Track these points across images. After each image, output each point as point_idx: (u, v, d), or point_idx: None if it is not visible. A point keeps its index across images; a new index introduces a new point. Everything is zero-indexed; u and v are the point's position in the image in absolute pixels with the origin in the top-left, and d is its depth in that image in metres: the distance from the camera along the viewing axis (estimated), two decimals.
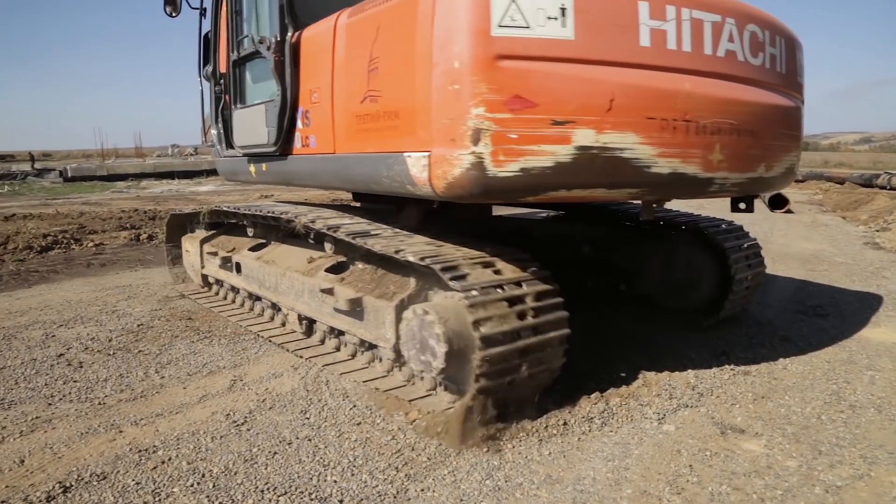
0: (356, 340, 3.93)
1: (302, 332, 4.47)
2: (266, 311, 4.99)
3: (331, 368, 3.92)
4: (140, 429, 3.20)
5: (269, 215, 4.68)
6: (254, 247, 5.18)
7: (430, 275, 3.27)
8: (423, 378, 3.48)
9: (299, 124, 4.03)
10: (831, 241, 9.33)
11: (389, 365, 3.70)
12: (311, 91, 3.87)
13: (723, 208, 4.65)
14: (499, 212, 6.13)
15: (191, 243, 6.06)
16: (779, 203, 12.89)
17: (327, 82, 3.64)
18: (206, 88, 5.43)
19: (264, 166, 4.56)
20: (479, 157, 2.69)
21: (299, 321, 4.47)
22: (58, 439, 3.08)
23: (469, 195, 2.83)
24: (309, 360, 4.09)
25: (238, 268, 5.22)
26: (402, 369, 3.63)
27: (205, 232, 6.02)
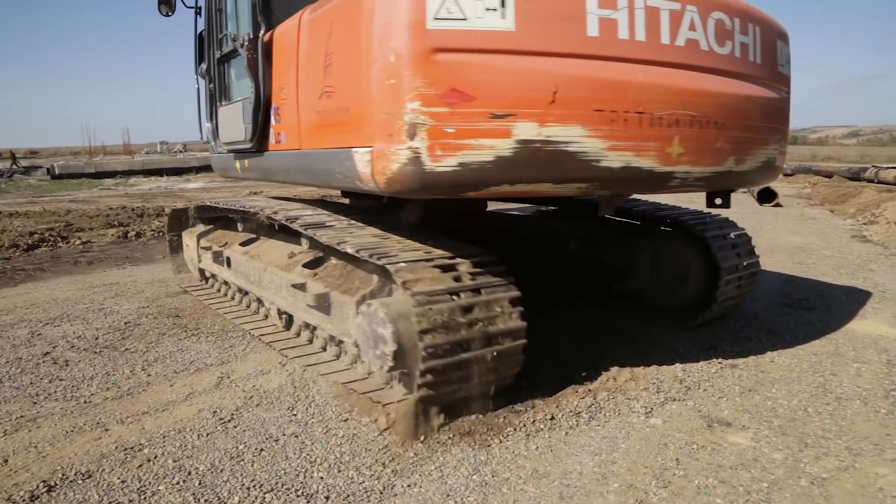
0: (326, 335, 3.95)
1: (283, 327, 4.49)
2: (252, 304, 5.01)
3: (299, 360, 3.92)
4: (126, 427, 3.18)
5: (237, 209, 4.97)
6: (244, 242, 5.19)
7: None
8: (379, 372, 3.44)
9: (272, 121, 4.01)
10: (819, 235, 9.38)
11: (353, 359, 3.70)
12: (281, 88, 3.85)
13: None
14: (493, 207, 6.13)
15: (189, 237, 6.15)
16: (767, 197, 12.98)
17: (293, 79, 3.62)
18: (202, 86, 5.48)
19: (247, 162, 4.55)
20: (416, 152, 2.63)
21: (279, 315, 4.49)
22: (42, 438, 3.06)
23: (408, 191, 2.78)
24: (281, 352, 4.11)
25: (228, 262, 5.24)
26: (364, 363, 3.61)
27: (203, 227, 6.10)
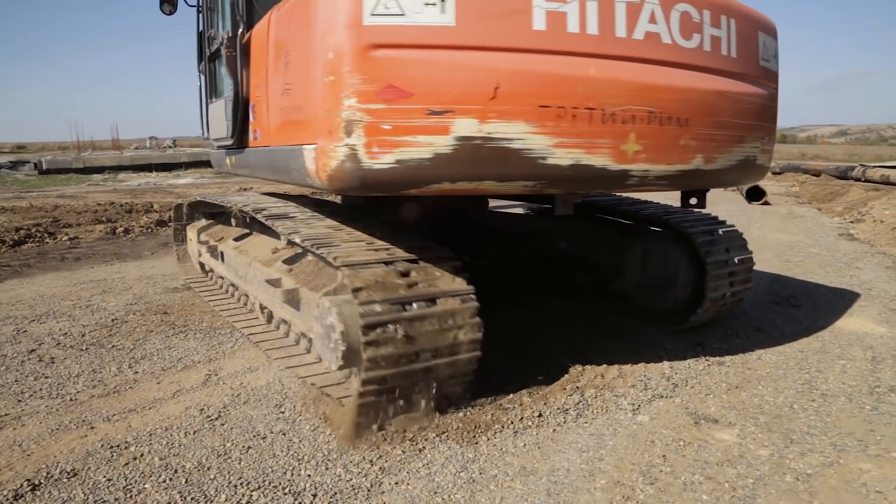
0: (298, 330, 3.96)
1: (265, 321, 4.50)
2: (242, 299, 5.05)
3: (272, 353, 3.95)
4: (112, 425, 3.16)
5: (215, 203, 5.39)
6: (238, 237, 5.24)
7: None
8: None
9: (251, 118, 4.02)
10: (807, 233, 9.45)
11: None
12: (256, 85, 3.87)
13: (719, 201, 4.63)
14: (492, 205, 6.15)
15: (192, 232, 6.25)
16: (756, 195, 13.05)
17: (265, 76, 3.63)
18: (203, 83, 5.52)
19: (234, 159, 4.57)
20: (353, 149, 2.61)
21: (261, 310, 4.52)
22: (27, 436, 3.03)
23: (349, 188, 2.76)
24: (257, 344, 4.14)
25: (222, 257, 5.28)
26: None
27: (204, 221, 6.17)
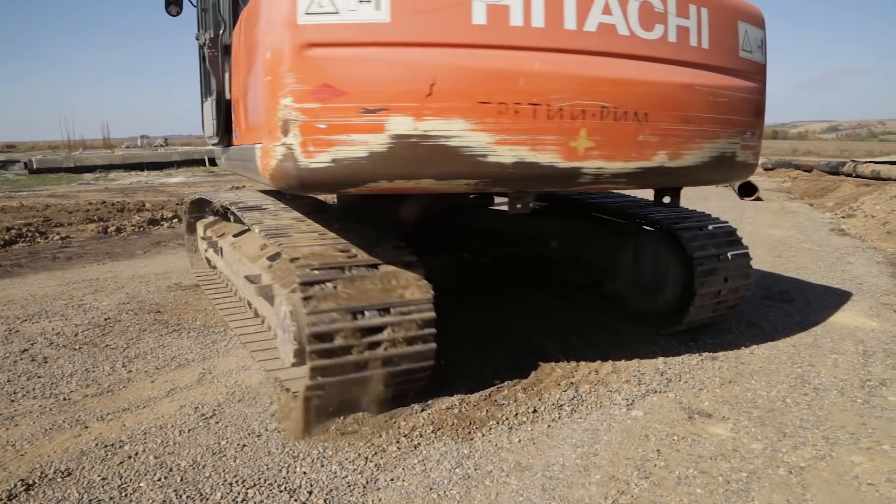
0: (272, 324, 3.96)
1: (252, 315, 4.50)
2: (237, 293, 5.05)
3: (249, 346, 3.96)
4: (106, 424, 3.15)
5: (204, 199, 5.73)
6: (238, 233, 5.23)
7: None
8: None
9: (232, 117, 4.05)
10: (798, 228, 9.50)
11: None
12: (234, 84, 3.90)
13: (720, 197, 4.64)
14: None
15: (200, 228, 6.28)
16: (748, 191, 13.11)
17: (239, 75, 3.66)
18: (199, 82, 5.54)
19: (224, 156, 4.61)
20: (290, 148, 2.62)
21: (249, 305, 4.53)
22: (20, 436, 3.02)
23: (289, 187, 2.77)
24: (240, 338, 4.14)
25: (222, 252, 5.29)
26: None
27: (211, 218, 6.20)
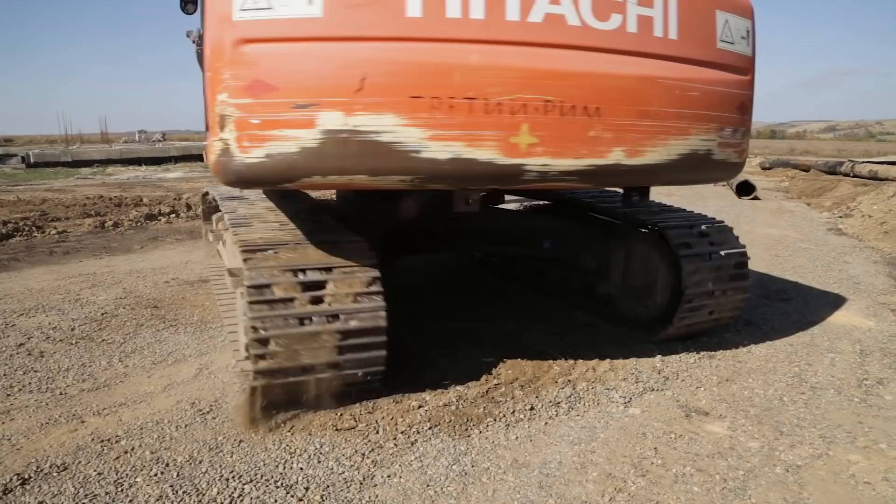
0: None
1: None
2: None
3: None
4: (103, 419, 3.14)
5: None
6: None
7: None
8: None
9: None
10: (796, 227, 9.51)
11: None
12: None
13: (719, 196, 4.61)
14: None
15: (213, 221, 6.26)
16: (746, 190, 13.12)
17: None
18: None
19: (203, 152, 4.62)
20: (227, 143, 2.63)
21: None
22: (16, 430, 3.01)
23: (228, 181, 2.78)
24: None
25: (224, 244, 5.28)
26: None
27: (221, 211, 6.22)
